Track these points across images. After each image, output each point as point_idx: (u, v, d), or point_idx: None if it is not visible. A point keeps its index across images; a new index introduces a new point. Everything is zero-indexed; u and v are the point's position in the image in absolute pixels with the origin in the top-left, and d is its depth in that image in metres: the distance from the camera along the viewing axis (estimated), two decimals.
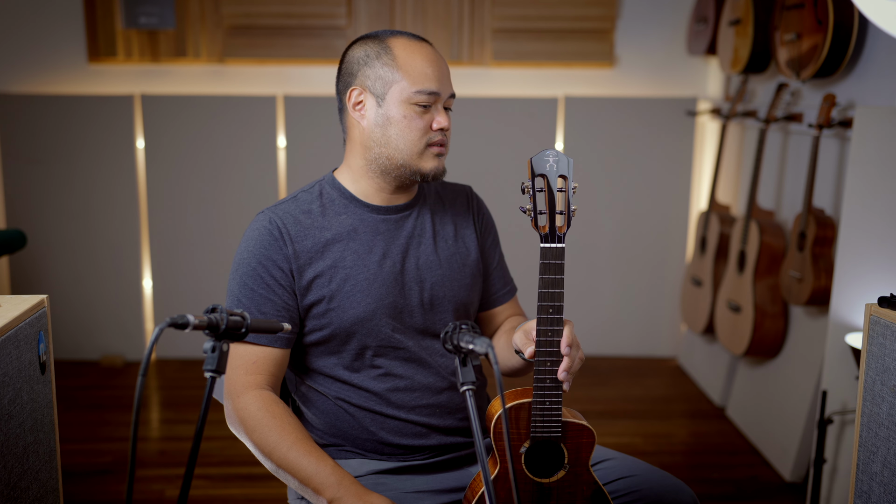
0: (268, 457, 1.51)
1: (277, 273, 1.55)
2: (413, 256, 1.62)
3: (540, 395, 1.43)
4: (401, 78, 1.53)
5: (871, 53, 2.66)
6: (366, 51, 1.56)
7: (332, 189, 1.63)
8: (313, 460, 1.47)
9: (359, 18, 3.86)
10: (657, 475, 1.58)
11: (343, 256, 1.57)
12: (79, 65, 3.88)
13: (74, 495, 2.76)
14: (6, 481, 1.47)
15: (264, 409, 1.51)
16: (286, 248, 1.55)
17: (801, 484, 2.85)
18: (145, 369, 1.06)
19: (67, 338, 3.98)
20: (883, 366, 1.58)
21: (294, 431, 1.50)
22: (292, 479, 1.49)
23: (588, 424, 1.47)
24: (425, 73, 1.53)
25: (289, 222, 1.57)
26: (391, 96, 1.54)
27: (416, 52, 1.55)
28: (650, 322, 4.11)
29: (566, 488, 1.48)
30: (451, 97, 1.58)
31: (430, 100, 1.54)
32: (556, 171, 1.44)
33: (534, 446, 1.47)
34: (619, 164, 3.99)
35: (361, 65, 1.56)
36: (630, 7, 3.93)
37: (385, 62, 1.54)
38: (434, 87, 1.54)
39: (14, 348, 1.50)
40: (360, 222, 1.60)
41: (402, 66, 1.53)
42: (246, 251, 1.57)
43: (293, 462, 1.48)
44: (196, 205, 3.95)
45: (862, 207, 2.45)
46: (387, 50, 1.54)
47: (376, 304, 1.57)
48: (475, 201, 1.76)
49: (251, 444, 1.53)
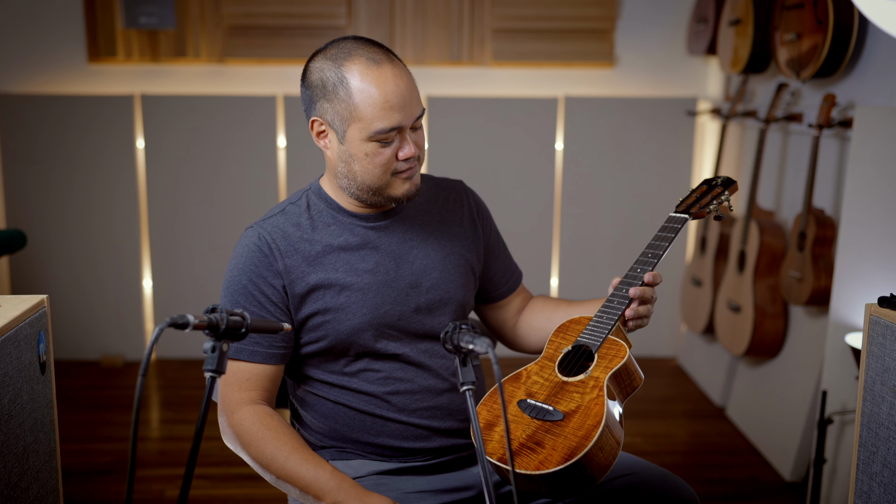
0: (266, 469, 1.50)
1: (268, 290, 1.53)
2: (407, 262, 1.60)
3: (606, 309, 1.55)
4: (359, 117, 1.46)
5: (871, 53, 2.66)
6: (323, 78, 1.48)
7: (319, 200, 1.60)
8: (311, 467, 1.47)
9: (359, 18, 3.86)
10: (658, 473, 1.57)
11: (335, 268, 1.55)
12: (79, 65, 3.88)
13: (74, 495, 2.76)
14: (6, 481, 1.47)
15: (259, 422, 1.50)
16: (276, 263, 1.53)
17: (801, 484, 2.85)
18: (145, 369, 1.06)
19: (67, 338, 3.98)
20: (883, 366, 1.58)
21: (290, 441, 1.50)
22: (293, 489, 1.49)
23: (625, 342, 1.51)
24: (383, 107, 1.45)
25: (278, 237, 1.55)
26: (350, 135, 1.48)
27: (375, 81, 1.45)
28: (650, 322, 4.10)
29: (575, 392, 1.45)
30: (419, 117, 1.51)
31: (392, 135, 1.48)
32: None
33: (574, 349, 1.53)
34: (619, 164, 3.99)
35: (319, 96, 1.49)
36: (630, 7, 3.93)
37: (342, 98, 1.46)
38: (394, 123, 1.46)
39: (14, 348, 1.50)
40: (350, 233, 1.58)
41: (359, 104, 1.45)
42: (236, 268, 1.55)
43: (292, 471, 1.47)
44: (196, 205, 3.95)
45: (862, 207, 2.45)
46: (343, 82, 1.46)
47: (373, 314, 1.55)
48: (470, 196, 1.74)
49: (249, 458, 1.53)
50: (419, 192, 1.57)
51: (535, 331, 1.77)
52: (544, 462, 1.34)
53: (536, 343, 1.77)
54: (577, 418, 1.39)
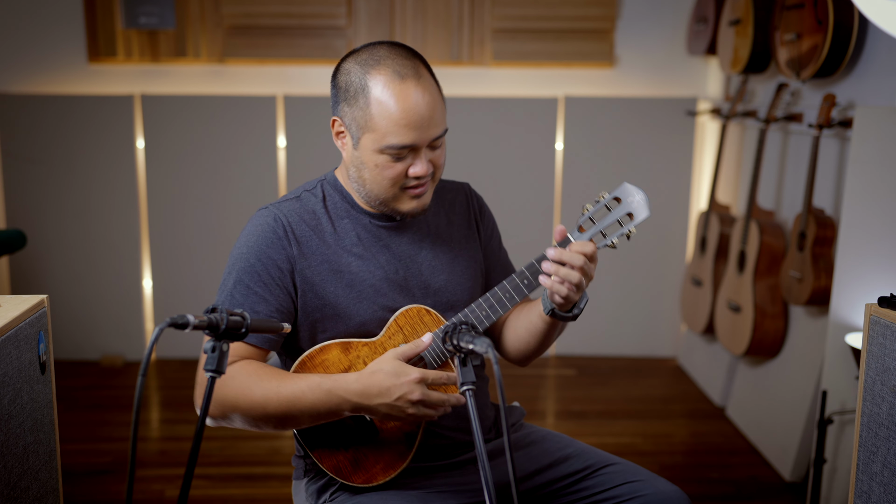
0: (265, 411, 1.44)
1: (276, 272, 1.51)
2: (416, 262, 1.59)
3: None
4: (373, 128, 1.45)
5: (871, 53, 2.66)
6: (348, 81, 1.48)
7: (335, 191, 1.59)
8: (305, 386, 1.43)
9: (359, 18, 3.86)
10: (659, 483, 1.57)
11: (347, 263, 1.54)
12: (79, 65, 3.88)
13: (74, 495, 2.76)
14: (6, 481, 1.47)
15: (237, 373, 1.45)
16: (290, 248, 1.52)
17: (801, 484, 2.85)
18: (145, 369, 1.06)
19: (67, 338, 3.98)
20: (883, 366, 1.58)
21: (275, 374, 1.45)
22: (305, 415, 1.44)
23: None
24: (399, 124, 1.43)
25: (294, 221, 1.54)
26: (364, 143, 1.47)
27: (395, 96, 1.43)
28: (650, 322, 4.11)
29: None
30: (439, 137, 1.49)
31: (402, 153, 1.46)
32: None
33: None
34: (619, 164, 3.99)
35: (342, 98, 1.49)
36: (630, 7, 3.93)
37: (361, 106, 1.45)
38: (407, 141, 1.45)
39: (14, 348, 1.50)
40: (363, 229, 1.57)
41: (375, 116, 1.44)
42: (245, 246, 1.52)
43: (290, 395, 1.42)
44: (196, 205, 3.95)
45: (862, 207, 2.45)
46: (364, 90, 1.45)
47: (382, 313, 1.55)
48: (475, 200, 1.74)
49: (243, 416, 1.45)
50: (426, 211, 1.55)
51: (513, 336, 1.70)
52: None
53: (515, 351, 1.69)
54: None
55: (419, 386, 1.40)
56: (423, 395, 1.41)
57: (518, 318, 1.67)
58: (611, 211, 1.48)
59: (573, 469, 1.63)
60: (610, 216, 1.47)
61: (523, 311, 1.66)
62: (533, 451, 1.66)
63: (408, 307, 1.55)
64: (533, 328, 1.60)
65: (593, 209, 1.48)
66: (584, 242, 1.45)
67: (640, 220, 1.46)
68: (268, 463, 2.99)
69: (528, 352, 1.66)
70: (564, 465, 1.64)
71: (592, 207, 1.48)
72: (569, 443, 1.68)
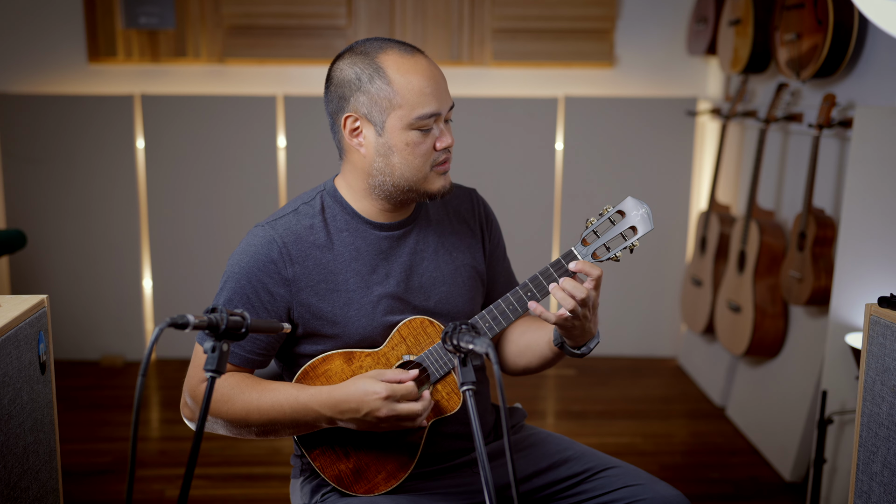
0: (247, 420, 1.47)
1: (266, 297, 1.49)
2: (417, 274, 1.57)
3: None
4: (399, 104, 1.44)
5: (871, 53, 2.66)
6: (356, 71, 1.47)
7: (334, 202, 1.56)
8: (283, 398, 1.46)
9: (359, 18, 3.86)
10: (660, 487, 1.57)
11: (346, 279, 1.52)
12: (79, 65, 3.88)
13: (74, 495, 2.76)
14: (6, 481, 1.47)
15: (223, 384, 1.49)
16: (286, 270, 1.49)
17: (801, 484, 2.85)
18: (145, 369, 1.06)
19: (67, 338, 3.98)
20: (883, 366, 1.58)
21: (256, 384, 1.48)
22: (286, 427, 1.47)
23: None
24: (423, 93, 1.45)
25: (290, 241, 1.51)
26: (391, 124, 1.46)
27: (412, 69, 1.45)
28: (650, 322, 4.11)
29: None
30: (451, 108, 1.51)
31: (431, 122, 1.47)
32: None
33: (413, 363, 1.55)
34: (619, 164, 3.99)
35: (353, 89, 1.47)
36: (630, 7, 3.93)
37: (380, 86, 1.45)
38: (435, 108, 1.46)
39: (14, 348, 1.50)
40: (363, 241, 1.54)
41: (399, 91, 1.44)
42: (238, 266, 1.50)
43: (270, 407, 1.46)
44: (196, 205, 3.95)
45: (862, 207, 2.45)
46: (379, 71, 1.45)
47: (382, 327, 1.54)
48: (481, 207, 1.71)
49: (225, 424, 1.49)
50: (452, 189, 1.55)
51: (515, 350, 1.71)
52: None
53: (513, 364, 1.70)
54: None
55: (385, 402, 1.41)
56: (391, 412, 1.42)
57: (522, 334, 1.67)
58: (614, 224, 1.49)
59: (572, 472, 1.62)
60: (614, 229, 1.49)
61: (529, 328, 1.66)
62: (532, 453, 1.66)
63: (411, 318, 1.55)
64: (538, 350, 1.62)
65: (597, 222, 1.50)
66: (592, 265, 1.45)
67: (643, 233, 1.47)
68: (268, 463, 2.99)
69: (526, 369, 1.68)
70: (564, 467, 1.63)
71: (596, 220, 1.50)
72: (569, 445, 1.68)
